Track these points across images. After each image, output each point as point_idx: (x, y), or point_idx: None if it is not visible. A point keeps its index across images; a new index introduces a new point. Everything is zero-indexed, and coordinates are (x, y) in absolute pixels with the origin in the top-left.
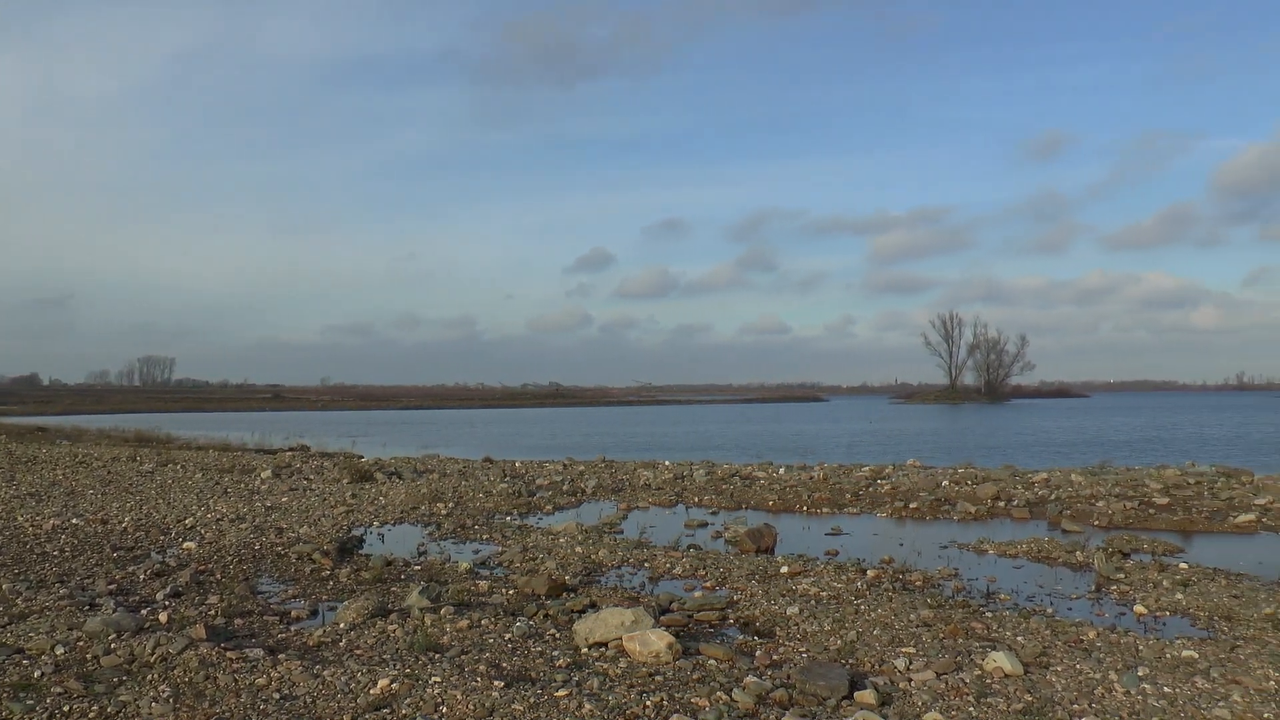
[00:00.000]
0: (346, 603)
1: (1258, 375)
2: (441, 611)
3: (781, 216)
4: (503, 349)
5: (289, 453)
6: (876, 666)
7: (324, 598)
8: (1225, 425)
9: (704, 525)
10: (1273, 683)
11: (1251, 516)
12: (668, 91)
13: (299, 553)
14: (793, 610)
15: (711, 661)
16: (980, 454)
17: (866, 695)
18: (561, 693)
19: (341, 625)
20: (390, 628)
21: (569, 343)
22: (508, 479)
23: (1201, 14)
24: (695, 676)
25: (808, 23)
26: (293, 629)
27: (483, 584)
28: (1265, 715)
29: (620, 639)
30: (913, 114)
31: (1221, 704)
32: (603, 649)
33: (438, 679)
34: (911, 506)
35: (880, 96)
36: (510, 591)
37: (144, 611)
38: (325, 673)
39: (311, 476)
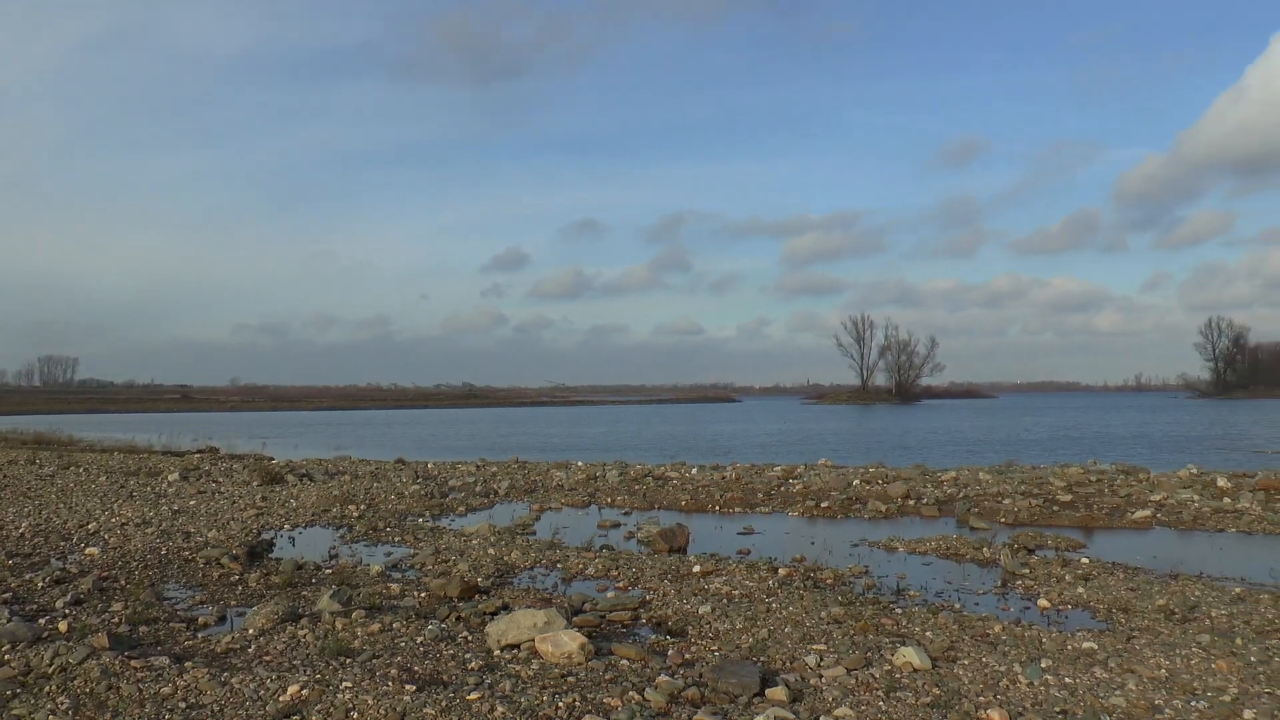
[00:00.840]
0: (256, 608)
1: (1154, 376)
2: (353, 615)
3: (698, 219)
4: (417, 349)
5: (197, 455)
6: (788, 663)
7: (233, 603)
8: (1125, 424)
9: (617, 526)
10: (1164, 671)
11: (1147, 513)
12: (588, 92)
13: (207, 557)
14: (705, 609)
15: (624, 661)
16: (891, 453)
17: (778, 692)
18: (474, 695)
19: (250, 631)
20: (301, 632)
21: (483, 343)
22: (420, 480)
23: (1108, 29)
24: (608, 677)
25: (728, 28)
26: (200, 636)
27: (395, 587)
28: (1156, 701)
29: (533, 640)
30: (831, 119)
31: (1118, 692)
32: (515, 651)
33: (349, 684)
34: (823, 505)
35: (799, 102)
36: (422, 594)
37: (42, 620)
38: (233, 680)
39: (220, 479)
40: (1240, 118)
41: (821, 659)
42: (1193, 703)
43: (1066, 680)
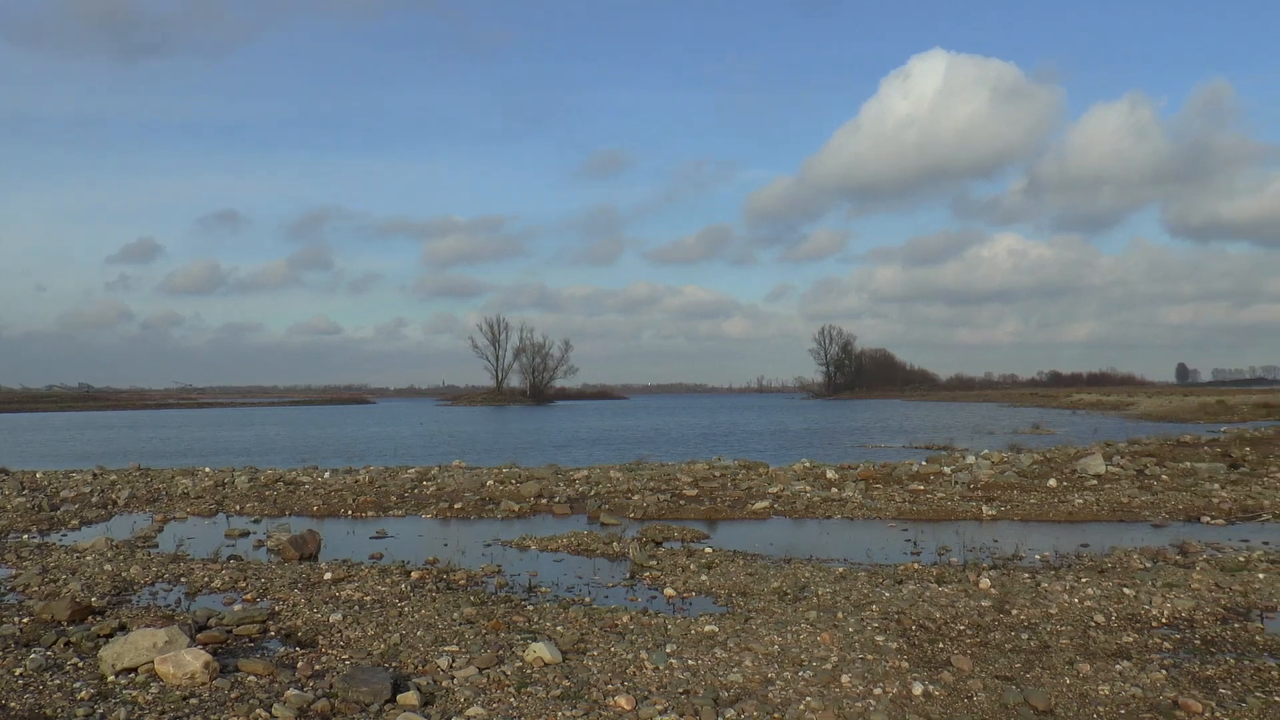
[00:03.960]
0: None
1: (775, 379)
2: None
3: (342, 215)
4: (29, 346)
5: None
6: (420, 667)
7: None
8: (747, 423)
9: (246, 534)
10: (776, 647)
11: (765, 504)
12: (235, 77)
13: None
14: (336, 617)
15: (251, 678)
16: (524, 453)
17: (409, 697)
18: None
19: None
20: None
21: (106, 340)
22: (26, 492)
23: (750, 61)
24: (234, 695)
25: (386, 23)
26: None
27: None
28: (769, 675)
29: (152, 662)
30: (483, 124)
31: (735, 670)
32: (132, 675)
33: None
34: (456, 506)
35: (452, 104)
36: (25, 620)
37: None
38: None
39: None
40: (856, 149)
41: (454, 660)
42: (800, 673)
43: (689, 662)
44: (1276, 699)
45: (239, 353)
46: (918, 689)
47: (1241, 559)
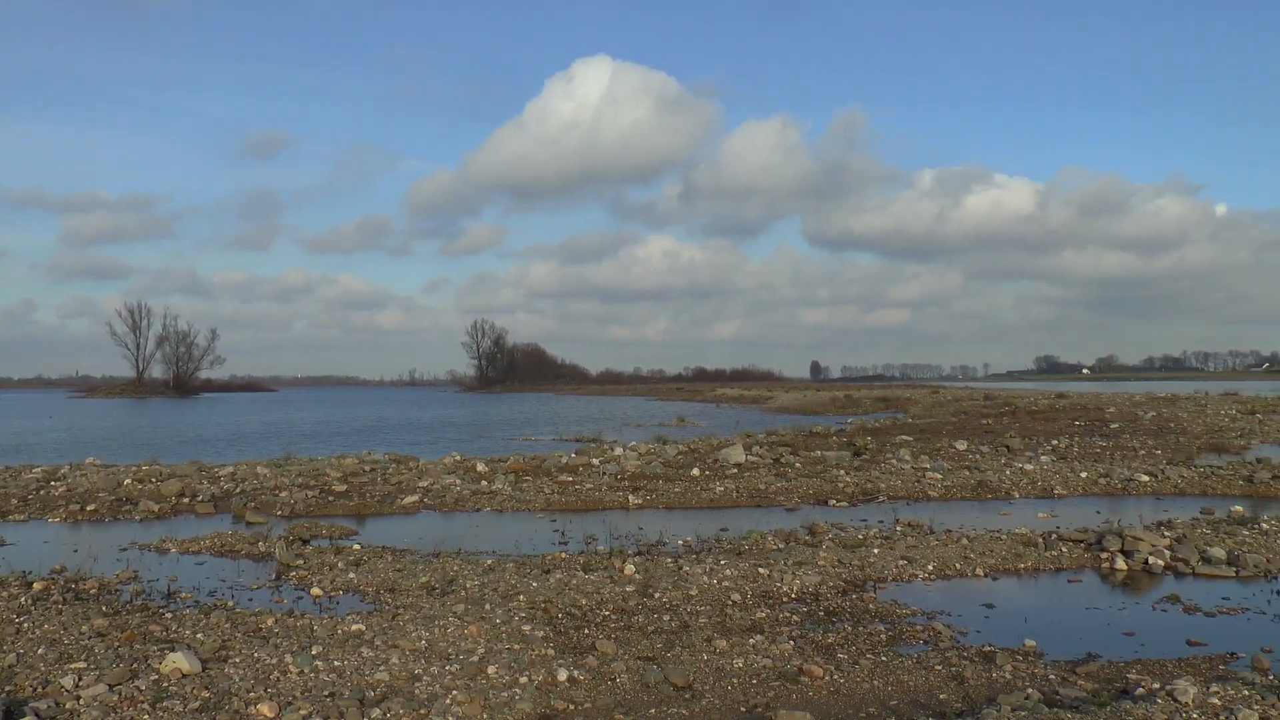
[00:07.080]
0: None
1: (427, 372)
2: None
3: None
4: None
5: None
6: (40, 689)
7: None
8: (399, 416)
9: None
10: (424, 642)
11: (415, 498)
12: None
13: None
14: None
15: None
16: (166, 450)
17: None
18: None
19: None
20: None
21: None
22: None
23: (420, 50)
24: None
25: None
26: None
27: None
28: (416, 670)
29: None
30: (138, 94)
31: (382, 668)
32: None
33: None
34: (89, 508)
35: (106, 69)
36: None
37: None
38: None
39: None
40: (518, 147)
41: (81, 678)
42: (448, 666)
43: (336, 664)
44: (884, 659)
45: None
46: (563, 675)
47: (860, 537)
